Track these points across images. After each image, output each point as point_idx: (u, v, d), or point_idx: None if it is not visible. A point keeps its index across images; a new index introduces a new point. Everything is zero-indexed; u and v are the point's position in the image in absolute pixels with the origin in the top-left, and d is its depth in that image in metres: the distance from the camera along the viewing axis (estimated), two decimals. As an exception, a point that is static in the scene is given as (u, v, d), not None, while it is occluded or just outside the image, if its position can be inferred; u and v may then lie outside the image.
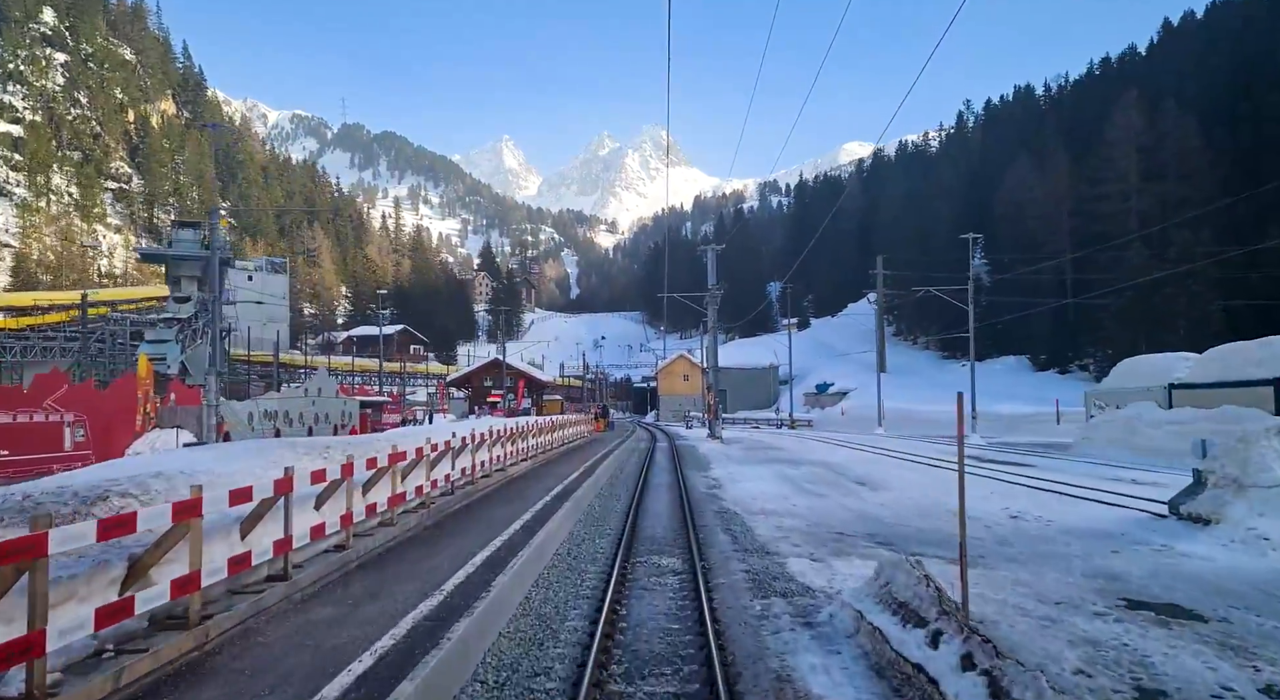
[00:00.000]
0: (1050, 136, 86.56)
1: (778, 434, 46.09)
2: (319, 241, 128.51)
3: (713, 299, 35.66)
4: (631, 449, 32.02)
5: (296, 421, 32.74)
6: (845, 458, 25.10)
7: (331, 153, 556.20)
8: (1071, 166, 76.21)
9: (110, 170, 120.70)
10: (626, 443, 33.39)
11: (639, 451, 30.50)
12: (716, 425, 36.42)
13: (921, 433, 42.71)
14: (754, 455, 27.47)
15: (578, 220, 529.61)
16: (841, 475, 19.20)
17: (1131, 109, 68.80)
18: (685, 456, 27.53)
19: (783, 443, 34.62)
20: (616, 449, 28.58)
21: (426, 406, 74.05)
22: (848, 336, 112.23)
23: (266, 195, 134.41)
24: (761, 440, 37.13)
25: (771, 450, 30.15)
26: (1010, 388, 68.96)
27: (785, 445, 32.99)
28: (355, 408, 39.68)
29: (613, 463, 22.53)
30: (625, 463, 25.05)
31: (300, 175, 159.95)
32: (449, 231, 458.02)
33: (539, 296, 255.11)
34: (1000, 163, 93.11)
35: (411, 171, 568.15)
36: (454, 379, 74.02)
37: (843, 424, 53.60)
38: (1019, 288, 76.23)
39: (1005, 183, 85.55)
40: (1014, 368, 77.27)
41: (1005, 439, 35.47)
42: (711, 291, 35.79)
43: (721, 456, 27.06)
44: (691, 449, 32.24)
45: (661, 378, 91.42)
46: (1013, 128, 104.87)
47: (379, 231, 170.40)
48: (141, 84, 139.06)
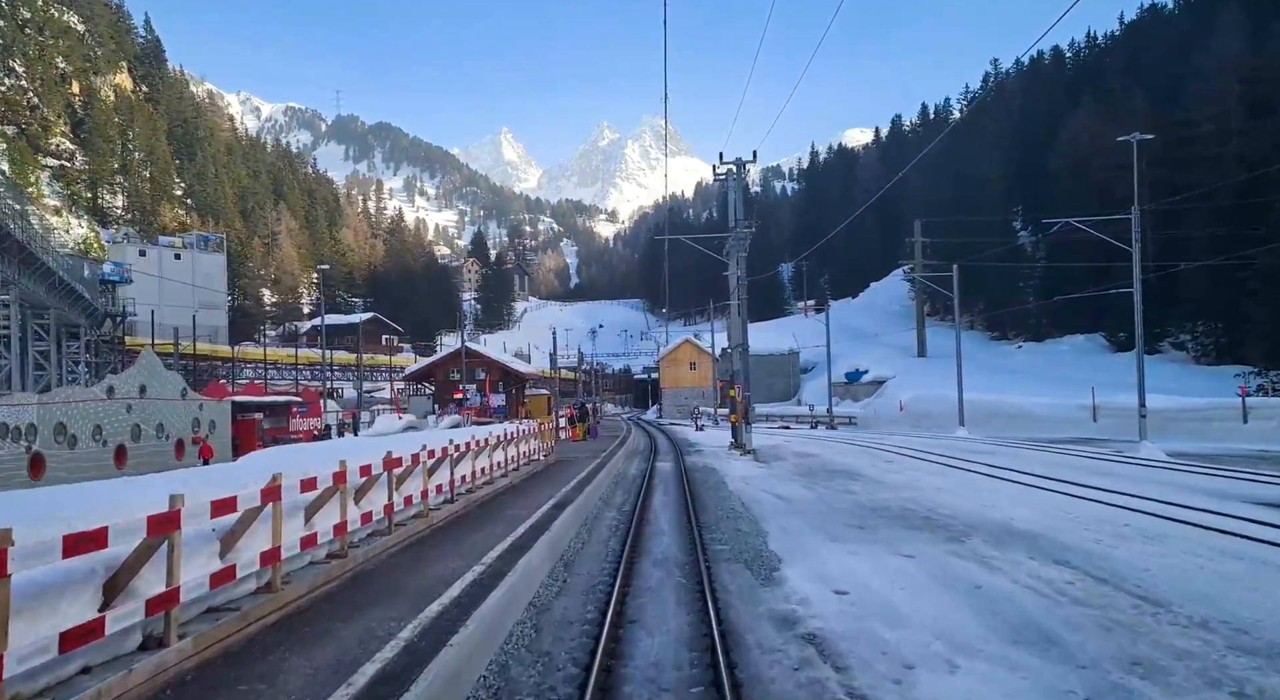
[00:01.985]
0: (1113, 78, 74.22)
1: (824, 440, 33.91)
2: (284, 223, 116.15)
3: (738, 242, 23.53)
4: (608, 490, 17.73)
5: (88, 439, 20.67)
6: (1048, 510, 12.91)
7: (326, 145, 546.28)
8: (1151, 109, 63.73)
9: (49, 146, 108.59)
10: (606, 468, 20.88)
11: (623, 490, 18.06)
12: (744, 431, 24.20)
13: (1026, 435, 30.71)
14: (834, 497, 15.33)
15: (577, 210, 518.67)
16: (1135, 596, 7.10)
17: (1234, 31, 56.22)
18: (707, 504, 15.27)
19: (854, 460, 22.47)
20: (577, 489, 16.19)
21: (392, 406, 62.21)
22: (872, 318, 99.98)
23: (228, 175, 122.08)
24: (813, 453, 24.98)
25: (855, 480, 17.99)
26: (1090, 374, 56.63)
27: (863, 466, 20.79)
28: (222, 414, 27.63)
29: (541, 553, 10.34)
30: (579, 546, 12.74)
31: (271, 156, 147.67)
32: (446, 223, 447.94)
33: (537, 287, 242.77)
34: (1047, 118, 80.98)
35: (408, 163, 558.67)
36: (413, 372, 61.93)
37: (900, 421, 41.53)
38: (1082, 251, 64.01)
39: (1062, 134, 73.04)
40: (1084, 349, 64.99)
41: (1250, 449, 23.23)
42: (735, 231, 23.61)
43: (774, 503, 14.94)
44: (713, 476, 20.02)
45: (664, 367, 79.18)
46: (1060, 79, 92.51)
47: (359, 215, 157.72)
48: (90, 54, 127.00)
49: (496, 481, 14.92)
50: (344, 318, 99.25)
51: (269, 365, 69.20)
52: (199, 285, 69.15)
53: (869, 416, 46.09)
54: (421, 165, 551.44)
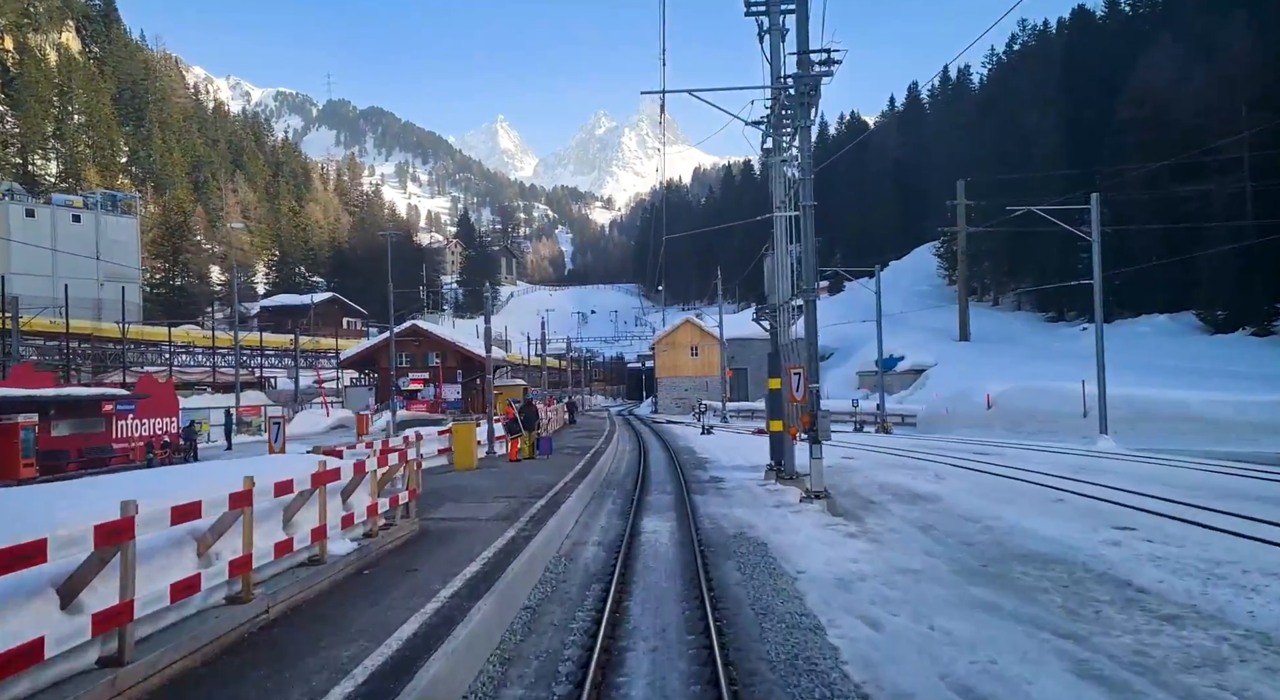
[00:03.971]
0: (1194, 14, 62.97)
1: (904, 456, 22.72)
2: (238, 194, 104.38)
3: (804, 96, 12.37)
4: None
5: None
6: None
7: (316, 130, 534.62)
8: (1256, 41, 52.62)
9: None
10: (497, 590, 9.87)
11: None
12: (814, 457, 12.86)
13: (1208, 446, 19.90)
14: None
15: (573, 197, 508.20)
16: None
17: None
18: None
19: (1047, 521, 11.31)
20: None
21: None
22: (896, 298, 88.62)
23: (179, 142, 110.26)
24: (927, 496, 13.90)
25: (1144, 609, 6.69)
26: (1189, 362, 45.56)
27: (1086, 542, 9.58)
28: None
29: None
30: None
31: (235, 126, 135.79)
32: (439, 210, 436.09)
33: (528, 272, 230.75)
34: (1103, 66, 69.97)
35: (400, 148, 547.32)
36: (351, 357, 50.67)
37: (987, 423, 30.41)
38: (1164, 212, 53.05)
39: (1132, 80, 61.74)
40: (1169, 330, 53.85)
41: None
42: (801, 79, 12.43)
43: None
44: (784, 596, 8.68)
45: (661, 353, 67.93)
46: (1111, 27, 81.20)
47: (332, 191, 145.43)
48: (30, 10, 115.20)
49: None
50: (299, 298, 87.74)
51: (192, 350, 58.07)
52: (107, 253, 57.32)
53: (936, 416, 34.95)
54: (414, 151, 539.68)
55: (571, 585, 8.41)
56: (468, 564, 7.76)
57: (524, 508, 11.40)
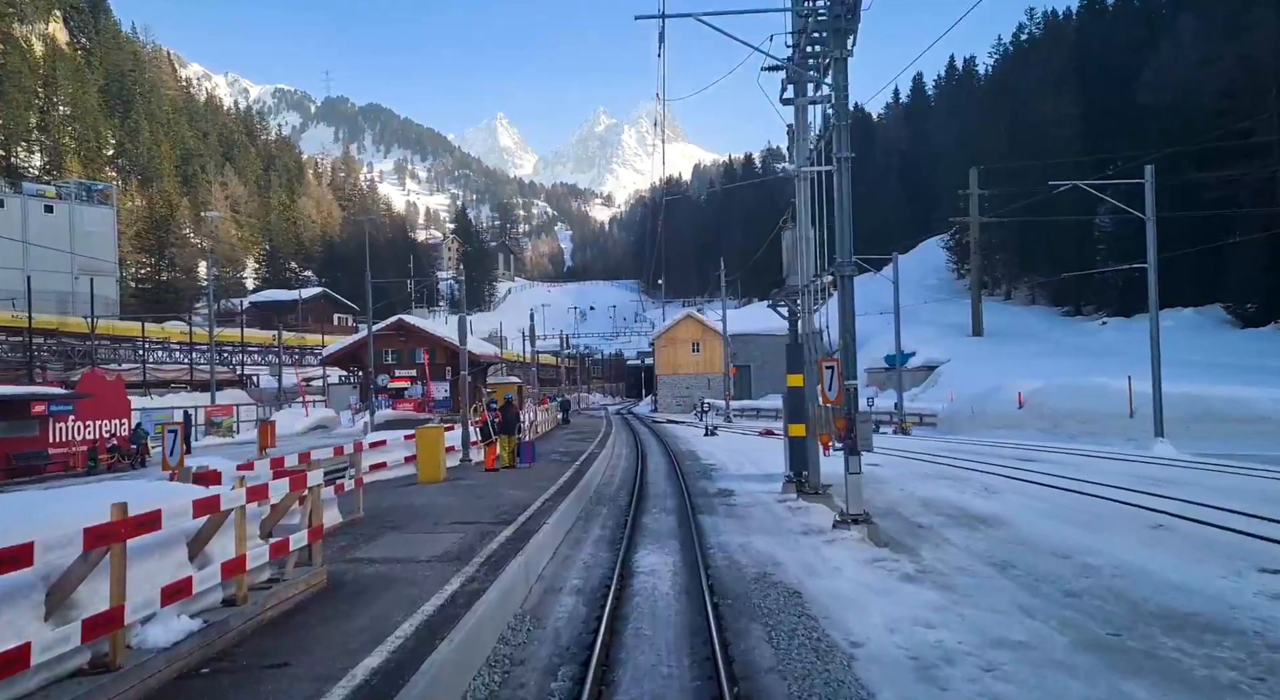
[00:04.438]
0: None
1: (938, 463, 20.15)
2: (228, 187, 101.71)
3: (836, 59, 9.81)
4: None
5: None
6: None
7: (315, 127, 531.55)
8: None
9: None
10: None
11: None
12: (850, 466, 10.31)
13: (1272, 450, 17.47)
14: None
15: (572, 194, 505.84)
16: None
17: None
18: None
19: (1137, 552, 8.78)
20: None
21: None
22: (902, 293, 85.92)
23: (167, 135, 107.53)
24: (989, 519, 11.32)
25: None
26: (1219, 357, 43.08)
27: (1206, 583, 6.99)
28: None
29: None
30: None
31: (227, 120, 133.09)
32: (438, 207, 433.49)
33: (527, 269, 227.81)
34: (1120, 50, 67.53)
35: (399, 145, 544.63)
36: (332, 354, 48.12)
37: (1017, 423, 27.83)
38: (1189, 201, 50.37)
39: (1152, 63, 59.16)
40: (1194, 324, 51.21)
41: None
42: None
43: None
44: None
45: (661, 350, 65.28)
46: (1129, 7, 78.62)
47: (326, 186, 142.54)
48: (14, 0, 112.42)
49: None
50: (288, 293, 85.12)
51: (169, 346, 55.58)
52: (81, 244, 54.67)
53: (960, 415, 32.25)
54: (414, 148, 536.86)
55: (531, 670, 5.86)
56: (374, 648, 5.21)
57: (483, 541, 8.86)
